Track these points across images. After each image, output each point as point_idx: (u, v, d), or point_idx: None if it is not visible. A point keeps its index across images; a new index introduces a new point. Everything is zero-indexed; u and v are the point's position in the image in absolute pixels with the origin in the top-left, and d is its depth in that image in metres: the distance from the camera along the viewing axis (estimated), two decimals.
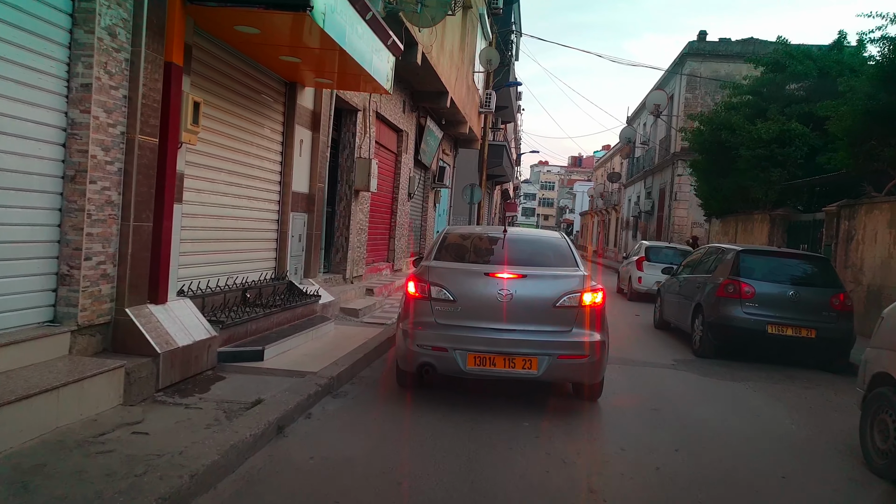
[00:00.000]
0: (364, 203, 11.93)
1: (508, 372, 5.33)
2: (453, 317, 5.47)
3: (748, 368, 8.41)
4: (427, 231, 18.58)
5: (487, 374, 5.41)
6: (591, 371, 5.54)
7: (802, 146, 15.37)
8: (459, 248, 6.51)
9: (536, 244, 6.72)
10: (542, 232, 7.80)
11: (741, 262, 8.81)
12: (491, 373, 5.36)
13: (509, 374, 5.36)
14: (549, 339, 5.39)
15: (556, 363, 5.32)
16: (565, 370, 5.47)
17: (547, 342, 5.37)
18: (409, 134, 15.14)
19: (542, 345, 5.35)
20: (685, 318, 9.78)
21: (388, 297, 12.42)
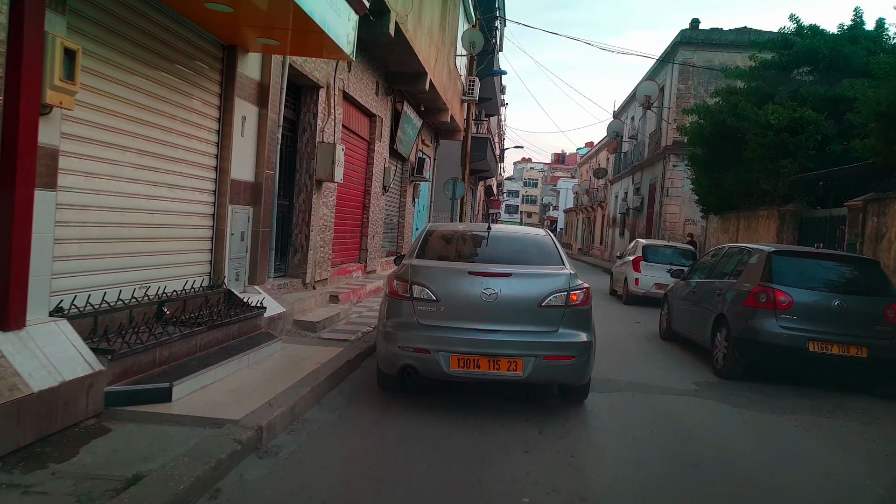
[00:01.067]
0: (329, 196, 10.36)
1: (493, 374, 5.20)
2: (436, 317, 5.32)
3: (786, 395, 6.97)
4: (405, 228, 17.04)
5: (472, 377, 5.27)
6: (579, 372, 5.43)
7: (815, 135, 14.02)
8: (443, 246, 6.33)
9: (521, 242, 6.55)
10: (526, 229, 7.57)
11: (774, 266, 7.37)
12: (475, 375, 5.22)
13: (494, 377, 5.24)
14: (535, 340, 5.25)
15: (543, 364, 5.21)
16: (552, 372, 5.34)
17: (533, 343, 5.24)
18: (384, 120, 13.58)
19: (527, 345, 5.22)
20: (702, 330, 8.35)
21: (358, 303, 10.87)
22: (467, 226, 7.74)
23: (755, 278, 7.42)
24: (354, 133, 12.06)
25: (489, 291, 5.29)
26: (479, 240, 6.47)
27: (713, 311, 8.02)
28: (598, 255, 45.64)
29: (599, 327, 11.23)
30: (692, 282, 9.49)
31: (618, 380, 7.10)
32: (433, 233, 6.56)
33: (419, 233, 6.94)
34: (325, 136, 9.80)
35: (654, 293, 15.12)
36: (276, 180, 7.99)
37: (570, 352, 5.29)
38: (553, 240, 6.43)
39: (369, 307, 10.59)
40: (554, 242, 6.32)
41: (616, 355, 8.66)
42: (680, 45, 26.78)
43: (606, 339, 9.87)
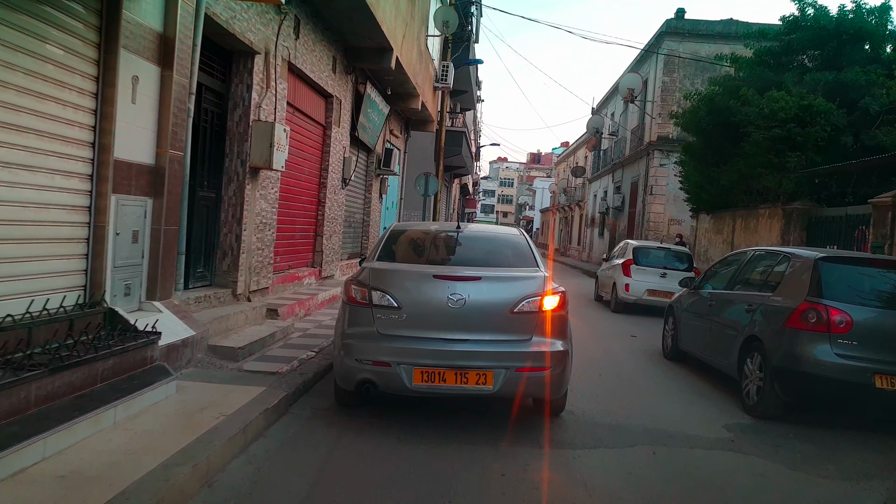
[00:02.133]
0: (269, 187, 8.59)
1: (461, 388, 4.76)
2: (398, 326, 4.88)
3: (847, 445, 5.38)
4: (371, 227, 15.29)
5: (437, 392, 4.84)
6: (554, 385, 4.95)
7: (825, 126, 12.59)
8: (407, 247, 5.92)
9: (493, 242, 6.08)
10: (499, 228, 7.05)
11: (824, 276, 5.77)
12: (441, 390, 4.79)
13: (462, 391, 4.80)
14: (506, 350, 4.84)
15: (514, 377, 4.78)
16: (524, 385, 4.84)
17: (504, 353, 4.82)
18: (343, 102, 11.83)
19: (498, 356, 4.80)
20: (724, 354, 6.76)
21: (306, 317, 9.11)
22: (435, 225, 7.20)
23: (799, 292, 5.82)
24: (305, 115, 10.30)
25: (456, 297, 4.80)
26: (447, 240, 6.01)
27: (740, 332, 6.42)
28: (576, 256, 44.29)
29: (591, 342, 9.68)
30: (704, 292, 7.90)
31: (629, 424, 5.46)
32: (397, 232, 6.06)
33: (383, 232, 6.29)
34: (262, 113, 8.03)
35: (646, 300, 13.60)
36: (187, 164, 6.20)
37: (545, 362, 4.80)
38: (526, 239, 5.89)
39: (319, 321, 8.84)
40: (527, 242, 5.80)
41: (619, 383, 7.03)
42: (665, 36, 25.39)
43: (603, 359, 8.27)
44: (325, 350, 7.09)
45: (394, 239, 5.90)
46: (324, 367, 6.43)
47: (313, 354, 6.75)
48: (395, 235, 5.99)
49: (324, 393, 5.84)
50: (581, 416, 5.62)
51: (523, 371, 4.77)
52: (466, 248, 5.85)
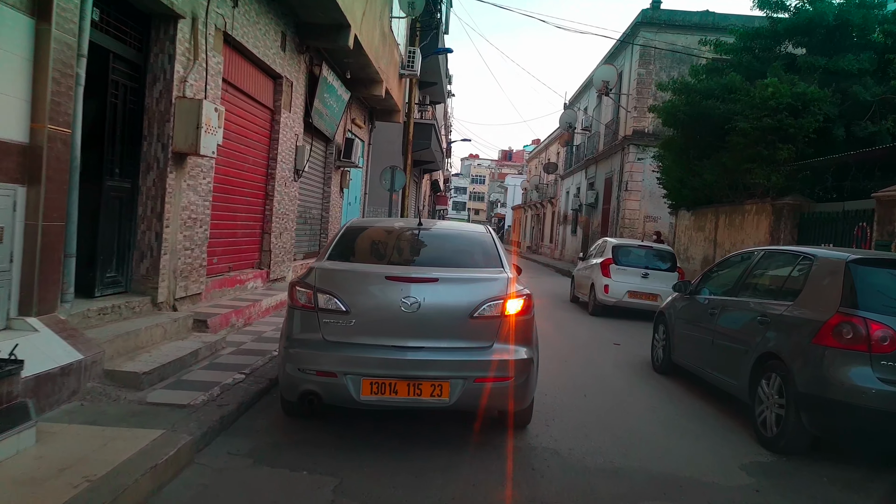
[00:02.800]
0: (200, 177, 7.36)
1: (414, 400, 4.28)
2: (346, 332, 4.40)
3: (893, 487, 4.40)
4: (331, 223, 14.07)
5: (388, 404, 4.35)
6: (517, 396, 4.49)
7: (818, 115, 11.72)
8: (362, 246, 5.49)
9: (457, 240, 5.64)
10: (464, 225, 6.44)
11: (859, 282, 4.77)
12: (392, 402, 4.31)
13: (415, 404, 4.32)
14: (464, 359, 4.37)
15: (473, 388, 4.30)
16: (484, 396, 4.33)
17: (462, 362, 4.35)
18: (296, 85, 10.62)
19: (455, 365, 4.33)
20: (731, 372, 5.75)
21: (244, 327, 7.90)
22: (395, 221, 6.78)
23: (828, 301, 4.81)
24: (248, 96, 9.07)
25: (410, 300, 4.39)
26: (406, 238, 5.60)
27: (751, 348, 5.40)
28: (548, 254, 43.47)
29: (570, 352, 8.61)
30: (701, 297, 6.89)
31: (628, 468, 4.39)
32: (353, 229, 5.65)
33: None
34: (189, 89, 6.80)
35: (627, 303, 12.64)
36: (76, 144, 4.96)
37: (507, 372, 4.40)
38: (493, 237, 5.43)
39: (260, 333, 7.64)
40: (493, 241, 5.35)
41: (608, 407, 5.97)
42: (641, 26, 24.53)
43: (585, 374, 7.24)
44: (260, 370, 5.92)
45: (348, 237, 5.45)
46: (253, 394, 5.26)
47: (242, 377, 5.57)
48: (351, 233, 5.54)
49: (250, 429, 4.69)
50: (568, 457, 4.54)
51: (483, 381, 4.33)
52: (427, 247, 5.45)
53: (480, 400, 4.38)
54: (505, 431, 4.93)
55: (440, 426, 4.97)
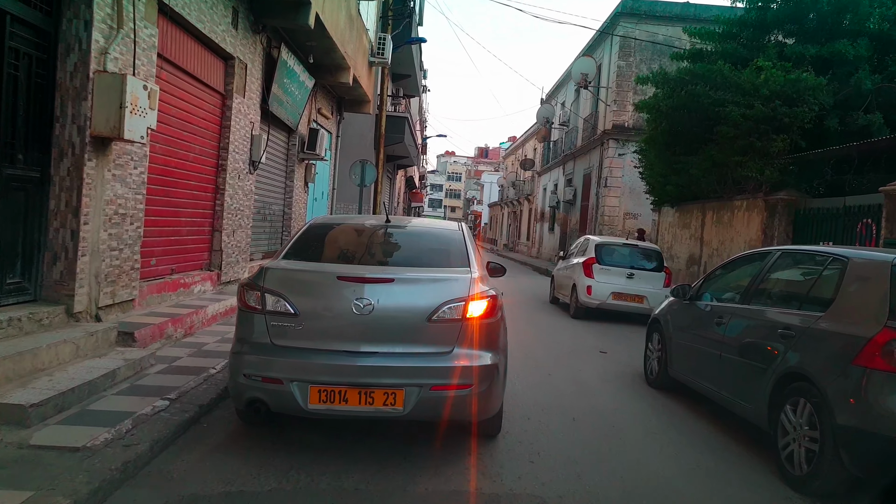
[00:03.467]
0: (129, 166, 6.36)
1: (366, 410, 3.99)
2: (295, 336, 4.12)
3: None
4: (294, 220, 13.07)
5: (338, 414, 4.04)
6: (481, 405, 4.15)
7: (814, 104, 11.02)
8: (322, 244, 5.08)
9: (424, 238, 5.31)
10: (435, 222, 6.14)
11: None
12: (342, 411, 4.00)
13: (367, 413, 4.02)
14: (420, 365, 4.05)
15: (430, 396, 3.98)
16: (442, 405, 4.03)
17: (417, 368, 4.03)
18: (251, 68, 9.62)
19: (409, 372, 4.01)
20: (745, 393, 4.93)
21: (185, 338, 6.91)
22: (363, 218, 6.47)
23: (872, 313, 3.99)
24: (193, 77, 8.07)
25: (364, 302, 4.06)
26: (371, 236, 5.27)
27: (772, 366, 4.57)
28: (525, 252, 42.77)
29: (553, 362, 7.75)
30: (703, 303, 6.07)
31: None
32: (316, 227, 5.38)
33: None
34: (111, 63, 5.80)
35: (611, 305, 11.86)
36: None
37: (467, 379, 4.06)
38: (464, 235, 5.12)
39: (201, 345, 6.66)
40: (464, 238, 5.05)
41: (601, 435, 5.10)
42: (621, 17, 23.83)
43: (572, 391, 6.41)
44: (190, 394, 4.96)
45: (310, 235, 5.13)
46: (176, 427, 4.31)
47: (164, 405, 4.61)
48: (313, 231, 5.24)
49: (164, 476, 3.75)
50: None
51: (441, 389, 4.02)
52: (392, 246, 5.13)
53: (438, 409, 4.08)
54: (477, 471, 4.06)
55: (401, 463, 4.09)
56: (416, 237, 5.37)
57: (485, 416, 4.35)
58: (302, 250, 4.82)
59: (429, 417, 4.19)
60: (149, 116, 6.11)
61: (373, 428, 4.72)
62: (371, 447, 4.40)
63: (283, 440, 4.44)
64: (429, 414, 4.11)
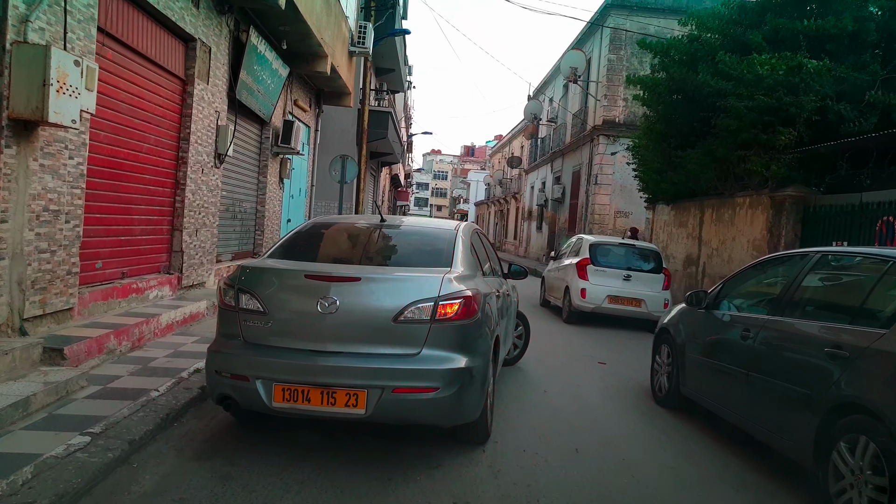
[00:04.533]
0: (62, 155, 5.50)
1: (328, 410, 3.92)
2: (264, 334, 4.12)
3: None
4: (268, 218, 12.21)
5: (301, 413, 3.99)
6: (446, 410, 4.00)
7: (819, 92, 10.32)
8: (310, 243, 5.07)
9: (414, 237, 5.22)
10: (433, 222, 5.93)
11: None
12: (305, 411, 3.96)
13: (329, 413, 3.96)
14: (382, 366, 3.91)
15: (392, 399, 3.87)
16: (405, 408, 3.93)
17: (378, 369, 3.90)
18: (216, 51, 8.77)
19: (370, 373, 3.89)
20: (782, 425, 4.18)
21: (131, 352, 6.05)
22: (359, 218, 6.32)
23: None
24: (146, 58, 7.20)
25: (328, 301, 3.96)
26: (361, 235, 5.16)
27: (820, 394, 3.81)
28: (512, 251, 42.03)
29: (548, 375, 6.98)
30: (722, 313, 5.32)
31: None
32: (310, 225, 5.37)
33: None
34: (35, 33, 4.95)
35: (607, 309, 11.12)
36: None
37: (432, 381, 3.90)
38: (459, 235, 4.91)
39: (149, 360, 5.80)
40: (456, 239, 4.82)
41: (612, 469, 4.33)
42: (611, 9, 23.08)
43: (571, 411, 5.70)
44: (120, 426, 4.13)
45: (302, 233, 5.15)
46: (93, 473, 3.48)
47: (85, 442, 3.77)
48: (306, 229, 5.27)
49: None
50: None
51: (403, 392, 3.91)
52: (380, 245, 5.04)
53: (402, 412, 3.97)
54: None
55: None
56: (406, 237, 5.24)
57: (458, 422, 4.21)
58: (289, 249, 4.80)
59: (392, 420, 4.05)
60: (84, 98, 5.26)
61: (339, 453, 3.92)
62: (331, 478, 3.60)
63: (229, 491, 3.62)
64: (392, 417, 3.98)
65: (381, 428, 4.47)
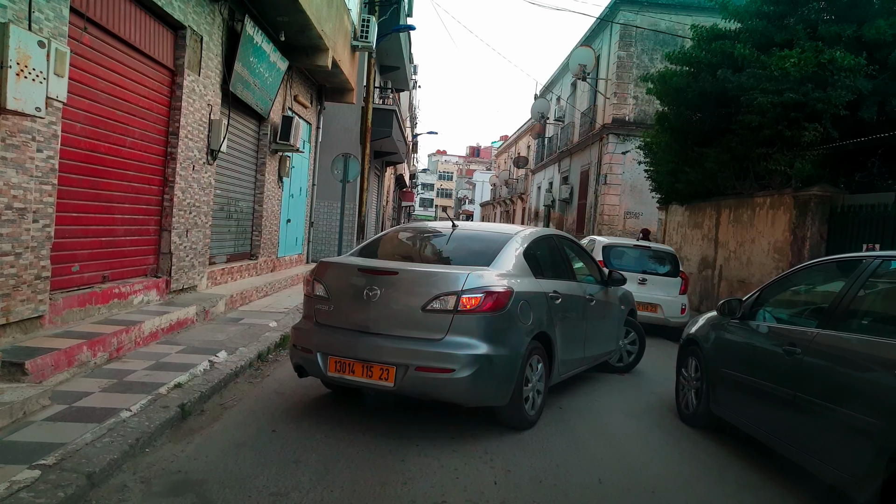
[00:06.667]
0: (31, 147, 4.98)
1: (366, 381, 4.70)
2: (328, 316, 5.04)
3: None
4: (266, 218, 11.69)
5: (347, 382, 4.86)
6: (465, 390, 4.53)
7: (850, 86, 9.75)
8: (383, 244, 5.88)
9: (472, 240, 5.72)
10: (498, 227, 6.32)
11: None
12: (350, 381, 4.80)
13: (367, 384, 4.73)
14: (409, 348, 4.59)
15: (415, 376, 4.51)
16: (426, 385, 4.55)
17: (406, 350, 4.58)
18: (208, 41, 8.26)
19: (400, 353, 4.59)
20: (839, 457, 3.62)
21: (104, 366, 5.52)
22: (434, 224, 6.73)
23: None
24: (130, 46, 6.68)
25: (373, 291, 4.75)
26: (425, 238, 6.11)
27: (887, 425, 3.26)
28: None
29: (563, 387, 6.48)
30: (761, 324, 4.76)
31: None
32: (390, 230, 6.32)
33: None
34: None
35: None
36: None
37: (450, 364, 4.48)
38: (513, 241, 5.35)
39: (124, 374, 5.28)
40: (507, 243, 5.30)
41: (629, 498, 3.80)
42: (621, 4, 22.52)
43: (586, 426, 5.25)
44: (80, 455, 3.60)
45: (382, 236, 6.06)
46: None
47: (33, 478, 3.25)
48: (389, 232, 6.20)
49: None
50: None
51: (424, 371, 4.51)
52: (442, 246, 5.72)
53: (423, 388, 4.54)
54: None
55: None
56: (464, 240, 5.65)
57: (480, 403, 4.75)
58: (364, 248, 5.69)
59: (416, 394, 4.64)
60: (52, 84, 4.77)
61: None
62: None
63: None
64: (415, 391, 4.58)
65: (384, 463, 3.94)
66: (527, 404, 4.97)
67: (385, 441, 4.52)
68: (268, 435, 4.50)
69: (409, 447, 4.42)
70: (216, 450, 4.14)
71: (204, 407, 4.99)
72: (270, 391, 5.63)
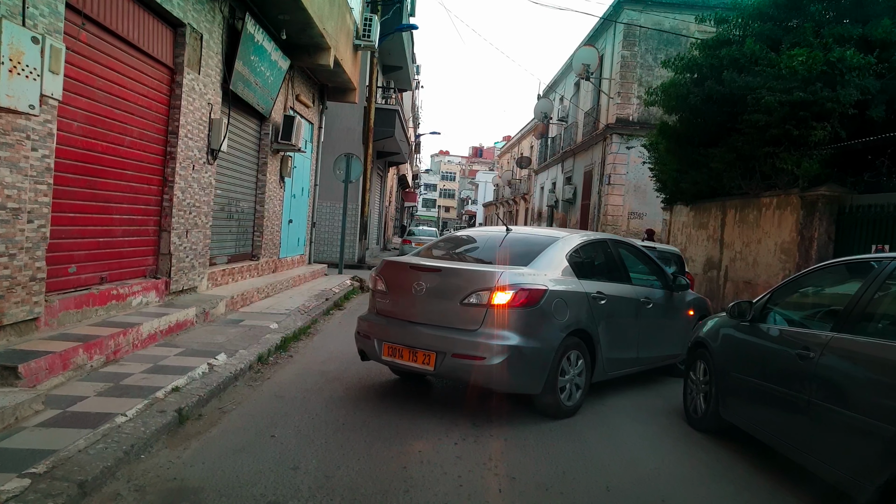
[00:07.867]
0: (25, 146, 4.87)
1: (411, 365, 5.35)
2: (385, 308, 5.68)
3: None
4: (267, 218, 11.59)
5: (397, 365, 5.54)
6: (496, 377, 4.99)
7: (859, 85, 9.61)
8: (440, 245, 6.45)
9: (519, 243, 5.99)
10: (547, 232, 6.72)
11: None
12: (399, 364, 5.46)
13: (412, 368, 5.38)
14: (447, 336, 5.15)
15: (451, 362, 5.08)
16: (461, 371, 5.09)
17: (445, 338, 5.15)
18: (208, 39, 8.17)
19: (440, 341, 5.16)
20: (858, 467, 3.49)
21: (101, 369, 5.41)
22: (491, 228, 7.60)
23: None
24: (129, 44, 6.58)
25: (420, 286, 5.36)
26: (477, 240, 6.54)
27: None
28: None
29: None
30: (772, 327, 4.64)
31: None
32: (458, 234, 7.12)
33: None
34: None
35: None
36: None
37: (481, 352, 4.97)
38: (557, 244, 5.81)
39: (121, 377, 5.17)
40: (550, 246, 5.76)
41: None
42: (624, 4, 22.38)
43: (598, 439, 4.97)
44: (75, 460, 3.50)
45: (446, 238, 6.83)
46: None
47: (22, 487, 3.14)
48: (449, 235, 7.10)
49: None
50: None
51: (459, 357, 5.01)
52: (492, 248, 5.97)
53: (459, 373, 5.08)
54: None
55: None
56: (512, 243, 5.93)
57: (512, 390, 5.20)
58: (427, 249, 6.24)
59: (452, 377, 5.30)
60: (48, 82, 4.67)
61: None
62: None
63: None
64: (452, 376, 5.18)
65: (386, 470, 3.82)
66: (562, 395, 5.29)
67: (387, 448, 4.41)
68: (267, 440, 4.39)
69: (412, 454, 4.31)
70: (213, 456, 4.03)
71: (202, 411, 4.88)
72: (270, 395, 5.52)
